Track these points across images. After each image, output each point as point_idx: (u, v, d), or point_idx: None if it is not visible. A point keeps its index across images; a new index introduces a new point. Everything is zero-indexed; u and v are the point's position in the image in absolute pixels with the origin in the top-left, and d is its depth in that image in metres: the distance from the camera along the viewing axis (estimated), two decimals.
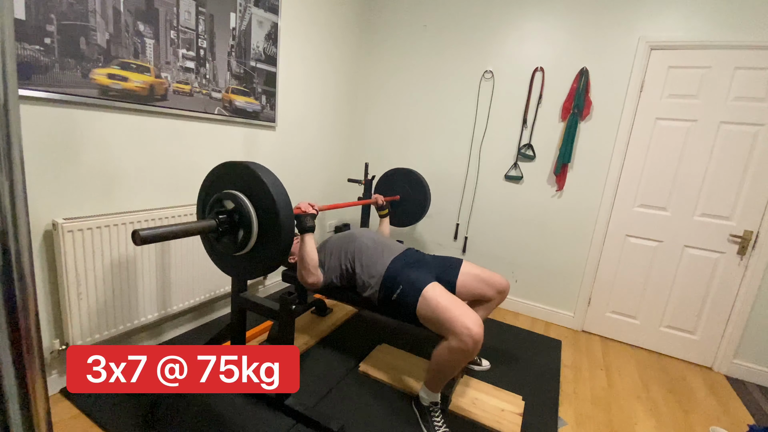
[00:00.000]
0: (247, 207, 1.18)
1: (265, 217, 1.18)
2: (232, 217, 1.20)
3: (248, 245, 1.21)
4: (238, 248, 1.22)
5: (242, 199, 1.19)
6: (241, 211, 1.19)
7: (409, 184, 2.58)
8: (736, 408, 2.00)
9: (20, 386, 0.52)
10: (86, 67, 1.46)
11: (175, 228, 1.04)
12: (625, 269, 2.53)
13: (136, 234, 0.95)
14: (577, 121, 2.47)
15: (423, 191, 2.54)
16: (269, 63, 2.28)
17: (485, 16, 2.69)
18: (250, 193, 1.20)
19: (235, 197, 1.20)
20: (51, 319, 1.53)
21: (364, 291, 1.73)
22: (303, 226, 1.61)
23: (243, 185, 1.22)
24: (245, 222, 1.19)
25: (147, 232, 0.96)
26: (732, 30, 2.09)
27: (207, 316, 2.26)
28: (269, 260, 1.22)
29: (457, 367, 1.46)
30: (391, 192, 2.62)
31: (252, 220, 1.18)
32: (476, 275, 1.82)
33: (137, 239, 0.95)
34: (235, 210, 1.20)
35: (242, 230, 1.20)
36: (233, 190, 1.22)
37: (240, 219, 1.19)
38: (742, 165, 2.16)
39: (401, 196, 2.59)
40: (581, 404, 1.89)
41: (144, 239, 0.95)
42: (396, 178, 2.62)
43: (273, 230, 1.18)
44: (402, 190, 2.59)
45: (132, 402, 1.55)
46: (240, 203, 1.19)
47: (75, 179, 1.52)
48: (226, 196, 1.21)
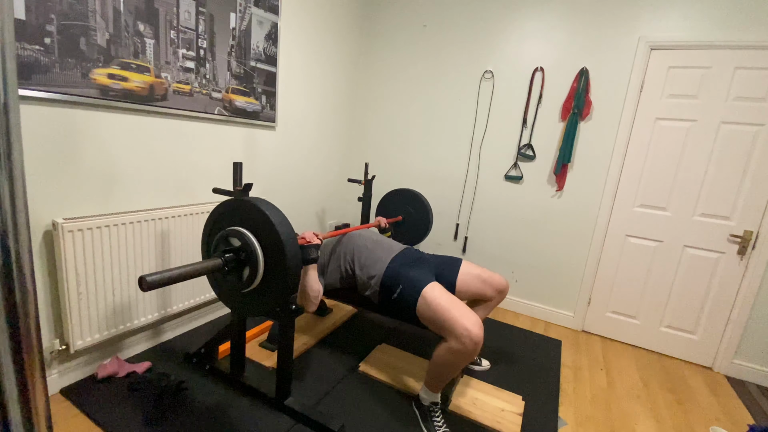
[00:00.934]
0: (253, 245, 1.18)
1: (271, 254, 1.18)
2: (238, 254, 1.20)
3: (254, 282, 1.21)
4: (244, 285, 1.22)
5: (249, 237, 1.18)
6: (248, 249, 1.18)
7: (410, 205, 2.57)
8: (736, 408, 2.00)
9: (20, 386, 0.52)
10: (86, 67, 1.46)
11: (181, 271, 1.03)
12: (625, 269, 2.53)
13: (143, 281, 0.93)
14: (577, 121, 2.47)
15: (425, 211, 2.53)
16: (269, 63, 2.28)
17: (485, 16, 2.69)
18: (255, 229, 1.19)
19: (241, 235, 1.19)
20: (51, 319, 1.53)
21: (364, 291, 1.73)
22: (306, 258, 1.58)
23: (249, 222, 1.21)
24: (251, 260, 1.19)
25: (154, 278, 0.95)
26: (732, 30, 2.09)
27: (207, 316, 2.26)
28: (275, 298, 1.22)
29: (457, 367, 1.46)
30: (393, 213, 2.62)
31: (258, 258, 1.18)
32: (476, 275, 1.82)
33: (144, 286, 0.93)
34: (241, 248, 1.20)
35: (248, 268, 1.20)
36: (239, 227, 1.21)
37: (246, 256, 1.19)
38: (742, 165, 2.16)
39: (403, 217, 2.59)
40: (581, 404, 1.89)
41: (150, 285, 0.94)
42: (397, 199, 2.61)
43: (279, 268, 1.18)
44: (404, 210, 2.59)
45: (132, 402, 1.55)
46: (246, 241, 1.18)
47: (75, 179, 1.52)
48: (232, 233, 1.21)
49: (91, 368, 1.70)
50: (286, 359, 1.55)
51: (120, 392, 1.60)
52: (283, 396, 1.58)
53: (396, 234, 2.62)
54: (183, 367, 1.80)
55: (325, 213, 3.18)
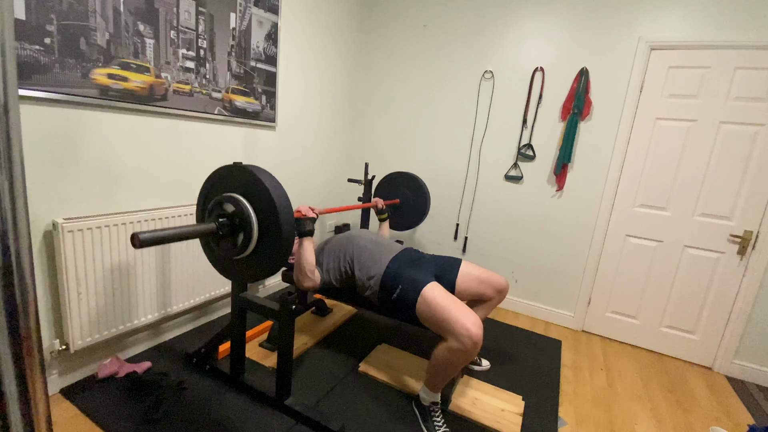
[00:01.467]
0: (247, 210, 1.18)
1: (266, 220, 1.18)
2: (232, 220, 1.20)
3: (248, 249, 1.21)
4: (238, 252, 1.22)
5: (242, 202, 1.19)
6: (241, 214, 1.18)
7: (409, 188, 2.56)
8: (736, 408, 2.00)
9: (20, 386, 0.52)
10: (86, 67, 1.46)
11: (174, 231, 1.03)
12: (625, 269, 2.53)
13: (136, 237, 0.93)
14: (577, 121, 2.47)
15: (423, 195, 2.53)
16: (269, 63, 2.28)
17: (485, 16, 2.69)
18: (250, 196, 1.19)
19: (235, 200, 1.19)
20: (51, 319, 1.53)
21: (363, 291, 1.72)
22: (302, 230, 1.60)
23: (243, 188, 1.21)
24: (245, 225, 1.18)
25: (146, 236, 0.95)
26: (732, 30, 2.09)
27: (207, 316, 2.26)
28: (269, 264, 1.22)
29: (457, 367, 1.46)
30: (390, 196, 2.61)
31: (252, 223, 1.18)
32: (476, 275, 1.81)
33: (136, 242, 0.94)
34: (235, 213, 1.19)
35: (242, 233, 1.19)
36: (233, 193, 1.21)
37: (240, 222, 1.19)
38: (742, 165, 2.16)
39: (401, 201, 2.59)
40: (581, 404, 1.89)
41: (143, 242, 0.94)
42: (396, 182, 2.60)
43: (273, 233, 1.18)
44: (402, 194, 2.59)
45: (132, 402, 1.55)
46: (240, 206, 1.18)
47: (75, 179, 1.52)
48: (226, 199, 1.21)
49: (91, 368, 1.70)
50: (286, 359, 1.55)
51: (120, 392, 1.60)
52: (283, 396, 1.58)
53: (393, 217, 2.61)
54: (183, 367, 1.80)
55: (325, 214, 3.18)
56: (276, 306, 1.53)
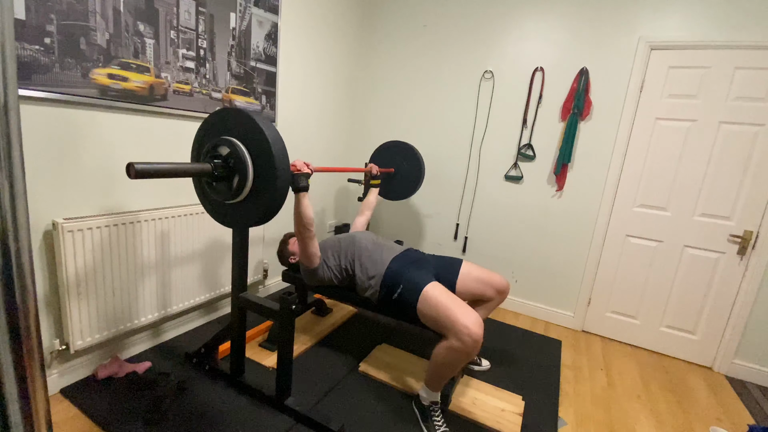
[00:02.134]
0: (242, 152, 1.16)
1: (261, 163, 1.16)
2: (227, 161, 1.18)
3: (243, 192, 1.19)
4: (233, 195, 1.21)
5: (238, 144, 1.17)
6: (237, 157, 1.17)
7: (405, 158, 2.57)
8: (736, 408, 2.00)
9: (20, 386, 0.52)
10: (86, 67, 1.46)
11: (170, 166, 1.01)
12: (625, 269, 2.53)
13: (131, 167, 0.92)
14: (577, 121, 2.47)
15: (417, 165, 2.54)
16: (269, 63, 2.28)
17: (485, 16, 2.69)
18: (246, 140, 1.18)
19: (230, 143, 1.18)
20: (51, 319, 1.53)
21: (364, 291, 1.73)
22: (297, 185, 1.58)
23: (240, 133, 1.19)
24: (241, 168, 1.17)
25: (142, 166, 0.93)
26: (732, 30, 2.09)
27: (207, 316, 2.26)
28: (264, 209, 1.20)
29: (457, 366, 1.46)
30: (386, 164, 2.62)
31: (247, 166, 1.16)
32: (476, 275, 1.82)
33: (132, 172, 0.92)
34: (230, 155, 1.18)
35: (237, 176, 1.18)
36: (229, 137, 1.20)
37: (235, 164, 1.18)
38: (742, 165, 2.16)
39: (396, 169, 2.60)
40: (581, 404, 1.89)
41: (138, 172, 0.93)
42: (391, 151, 2.61)
43: (269, 179, 1.16)
44: (397, 163, 2.59)
45: (132, 402, 1.55)
46: (236, 149, 1.17)
47: (75, 179, 1.52)
48: (221, 142, 1.19)
49: (91, 368, 1.69)
50: (286, 359, 1.55)
51: (120, 392, 1.60)
52: (283, 396, 1.58)
53: (387, 186, 2.63)
54: (183, 367, 1.80)
55: (325, 213, 3.18)
56: (276, 306, 1.53)
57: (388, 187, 2.64)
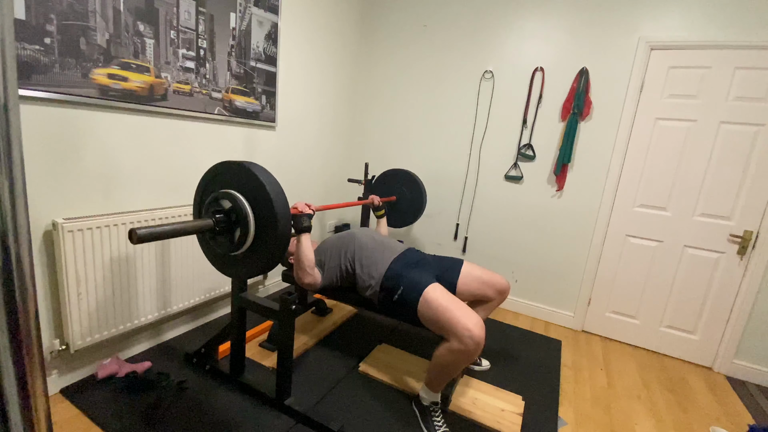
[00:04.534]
0: (243, 205, 1.18)
1: (262, 216, 1.18)
2: (228, 216, 1.20)
3: (245, 245, 1.21)
4: (235, 248, 1.22)
5: (239, 198, 1.18)
6: (238, 210, 1.18)
7: (405, 185, 2.57)
8: (736, 408, 2.00)
9: (20, 386, 0.52)
10: (86, 67, 1.46)
11: (172, 227, 1.03)
12: (625, 269, 2.53)
13: (133, 233, 0.94)
14: (577, 121, 2.47)
15: (419, 192, 2.54)
16: (269, 63, 2.28)
17: (485, 16, 2.69)
18: (246, 192, 1.19)
19: (231, 196, 1.19)
20: (51, 319, 1.53)
21: (364, 291, 1.72)
22: (299, 227, 1.60)
23: (239, 184, 1.21)
24: (242, 221, 1.18)
25: (144, 231, 0.95)
26: (732, 30, 2.09)
27: (207, 316, 2.26)
28: (266, 260, 1.22)
29: (458, 367, 1.46)
30: (387, 193, 2.62)
31: (249, 219, 1.18)
32: (477, 276, 1.81)
33: (134, 238, 0.94)
34: (231, 209, 1.19)
35: (239, 229, 1.19)
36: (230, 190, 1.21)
37: (237, 218, 1.19)
38: (742, 165, 2.16)
39: (397, 197, 2.59)
40: (581, 404, 1.89)
41: (141, 238, 0.94)
42: (392, 179, 2.61)
43: (270, 229, 1.17)
44: (398, 191, 2.59)
45: (132, 402, 1.55)
46: (237, 202, 1.18)
47: (75, 179, 1.52)
48: (222, 195, 1.21)
49: (91, 368, 1.69)
50: (286, 359, 1.55)
51: (120, 392, 1.60)
52: (283, 396, 1.58)
53: (390, 214, 2.62)
54: (183, 367, 1.80)
55: (325, 213, 3.18)
56: (276, 306, 1.53)
57: (392, 214, 2.63)
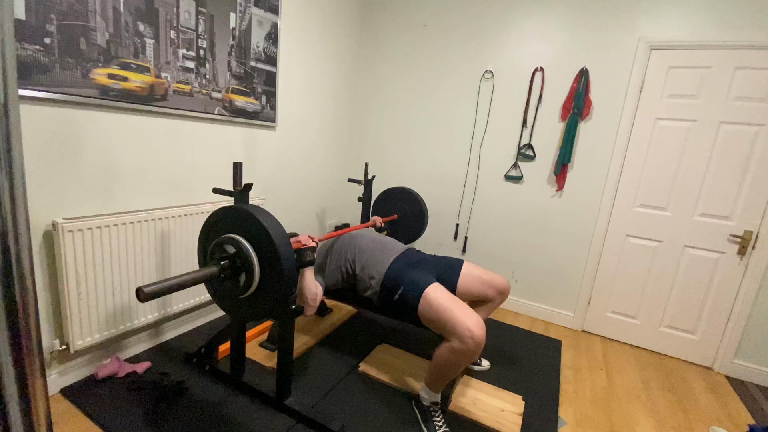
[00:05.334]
0: (248, 251, 1.19)
1: (266, 258, 1.19)
2: (233, 261, 1.21)
3: (251, 288, 1.22)
4: (241, 291, 1.23)
5: (243, 243, 1.20)
6: (242, 255, 1.20)
7: (406, 203, 2.60)
8: (736, 408, 2.00)
9: (20, 386, 0.52)
10: (86, 67, 1.46)
11: (178, 281, 1.04)
12: (625, 269, 2.53)
13: (141, 291, 0.94)
14: (577, 121, 2.47)
15: (420, 208, 2.56)
16: (269, 63, 2.28)
17: (485, 16, 2.69)
18: (250, 236, 1.21)
19: (235, 242, 1.20)
20: (51, 319, 1.53)
21: (364, 292, 1.72)
22: (303, 261, 1.60)
23: (243, 228, 1.22)
24: (247, 266, 1.20)
25: (151, 289, 0.96)
26: (732, 30, 2.09)
27: (207, 316, 2.26)
28: (272, 302, 1.23)
29: (459, 368, 1.46)
30: (388, 212, 2.64)
31: (253, 264, 1.19)
32: (477, 276, 1.81)
33: (141, 296, 0.94)
34: (236, 254, 1.21)
35: (244, 274, 1.21)
36: (234, 234, 1.22)
37: (242, 263, 1.20)
38: (742, 165, 2.16)
39: (399, 215, 2.61)
40: (581, 404, 1.89)
41: (148, 296, 0.95)
42: (391, 198, 2.64)
43: (275, 272, 1.19)
44: (399, 209, 2.61)
45: (132, 402, 1.55)
46: (241, 247, 1.20)
47: (75, 179, 1.52)
48: (227, 240, 1.22)
49: (91, 368, 1.69)
50: (286, 359, 1.55)
51: (120, 392, 1.60)
52: (283, 396, 1.58)
53: (392, 232, 2.63)
54: (183, 367, 1.80)
55: (325, 213, 3.18)
56: None
57: (394, 233, 2.64)
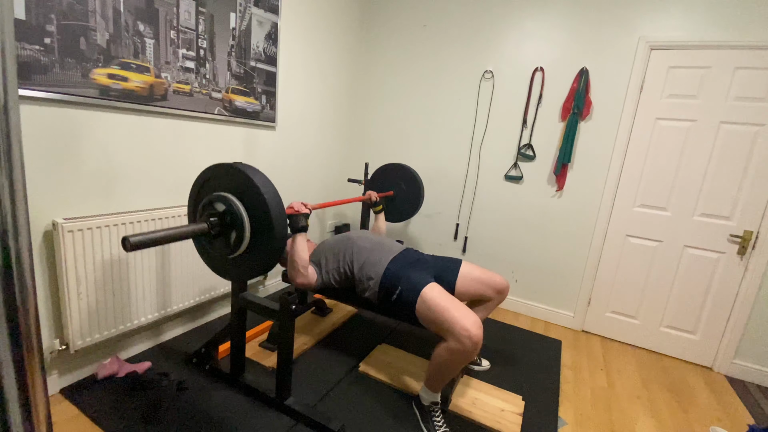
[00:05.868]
0: (237, 208, 1.17)
1: (257, 217, 1.17)
2: (223, 219, 1.19)
3: (241, 247, 1.20)
4: (231, 250, 1.22)
5: (232, 200, 1.18)
6: (232, 213, 1.18)
7: (402, 180, 2.57)
8: (736, 408, 2.00)
9: (20, 386, 0.52)
10: (86, 67, 1.46)
11: (165, 233, 1.02)
12: (625, 269, 2.53)
13: (126, 241, 0.92)
14: (577, 121, 2.47)
15: (416, 186, 2.53)
16: (269, 63, 2.28)
17: (485, 16, 2.69)
18: (240, 194, 1.19)
19: (225, 199, 1.19)
20: (51, 319, 1.53)
21: (363, 292, 1.72)
22: (295, 226, 1.60)
23: (233, 187, 1.20)
24: (237, 223, 1.18)
25: (137, 239, 0.94)
26: (732, 30, 2.09)
27: (207, 316, 2.26)
28: (263, 262, 1.21)
29: (457, 367, 1.46)
30: (384, 188, 2.62)
31: (244, 221, 1.17)
32: (476, 276, 1.81)
33: (127, 246, 0.92)
34: (226, 212, 1.19)
35: (234, 232, 1.19)
36: (223, 192, 1.21)
37: (231, 220, 1.18)
38: (742, 165, 2.16)
39: (395, 192, 2.59)
40: (581, 404, 1.89)
41: (134, 245, 0.93)
42: (389, 174, 2.61)
43: (266, 231, 1.17)
44: (395, 185, 2.59)
45: (132, 402, 1.55)
46: (230, 205, 1.18)
47: (75, 179, 1.52)
48: (216, 198, 1.20)
49: (91, 368, 1.70)
50: (286, 359, 1.55)
51: (120, 392, 1.60)
52: (283, 396, 1.58)
53: (387, 209, 2.62)
54: (183, 367, 1.80)
55: (324, 213, 3.18)
56: (276, 306, 1.53)
57: (389, 209, 2.64)
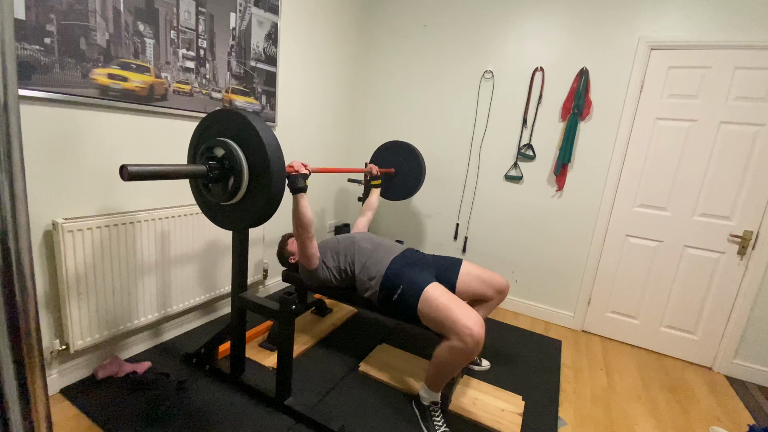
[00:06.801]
0: (237, 153, 1.16)
1: (256, 164, 1.16)
2: (222, 163, 1.18)
3: (238, 194, 1.20)
4: (228, 197, 1.21)
5: (233, 146, 1.17)
6: (231, 158, 1.17)
7: (405, 158, 2.56)
8: (736, 408, 2.00)
9: (20, 386, 0.52)
10: (86, 67, 1.46)
11: (164, 168, 1.01)
12: (625, 269, 2.53)
13: (125, 169, 0.92)
14: (577, 121, 2.47)
15: (418, 166, 2.52)
16: (269, 63, 2.28)
17: (485, 16, 2.69)
18: (240, 140, 1.19)
19: (225, 144, 1.18)
20: (51, 319, 1.53)
21: (364, 292, 1.73)
22: (295, 186, 1.56)
23: (234, 134, 1.20)
24: (235, 169, 1.17)
25: (135, 168, 0.93)
26: (732, 30, 2.09)
27: (207, 316, 2.26)
28: (260, 210, 1.20)
29: (458, 366, 1.46)
30: (386, 164, 2.61)
31: (242, 167, 1.17)
32: (476, 275, 1.82)
33: (125, 174, 0.92)
34: (225, 156, 1.18)
35: (233, 177, 1.18)
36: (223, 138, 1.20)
37: (230, 166, 1.18)
38: (742, 165, 2.16)
39: (396, 170, 2.58)
40: (581, 404, 1.89)
41: (132, 175, 0.93)
42: (391, 151, 2.60)
43: (264, 180, 1.16)
44: (397, 163, 2.58)
45: (132, 402, 1.55)
46: (230, 150, 1.17)
47: (75, 179, 1.52)
48: (216, 143, 1.20)
49: (91, 368, 1.69)
50: (286, 359, 1.55)
51: (120, 392, 1.60)
52: (283, 396, 1.58)
53: (388, 186, 2.62)
54: (183, 367, 1.80)
55: (325, 213, 3.18)
56: (276, 306, 1.53)
57: (389, 187, 2.63)
